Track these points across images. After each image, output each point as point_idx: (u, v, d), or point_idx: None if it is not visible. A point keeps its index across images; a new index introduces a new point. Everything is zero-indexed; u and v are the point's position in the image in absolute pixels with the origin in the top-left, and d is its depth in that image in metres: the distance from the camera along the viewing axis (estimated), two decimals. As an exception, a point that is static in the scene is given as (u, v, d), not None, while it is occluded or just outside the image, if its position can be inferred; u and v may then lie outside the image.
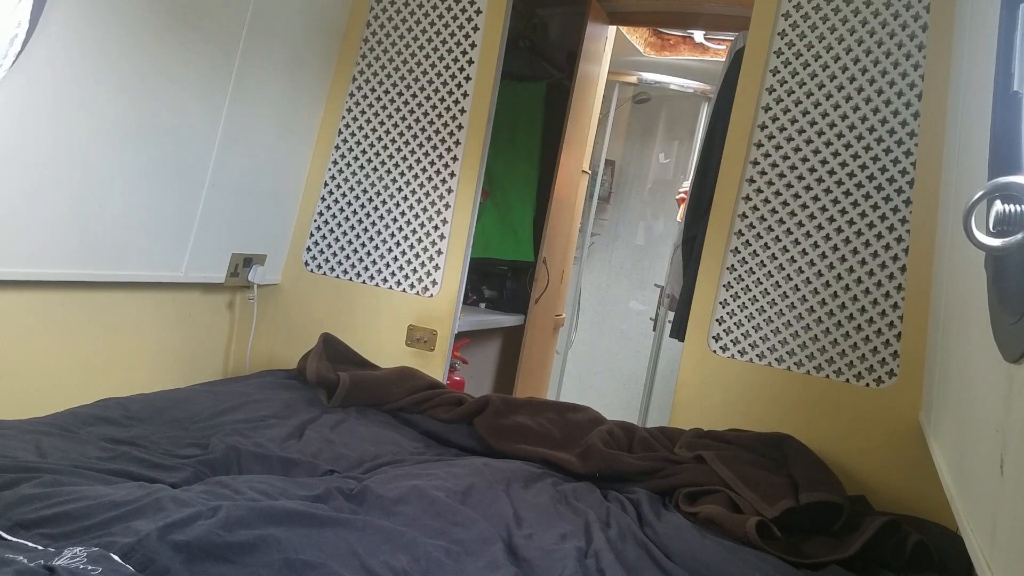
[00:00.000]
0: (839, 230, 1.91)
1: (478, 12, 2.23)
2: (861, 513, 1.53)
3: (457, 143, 2.24)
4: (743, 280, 1.98)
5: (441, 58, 2.26)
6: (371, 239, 2.30)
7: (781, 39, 1.97)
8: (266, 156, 2.16)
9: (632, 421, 1.91)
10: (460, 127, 2.24)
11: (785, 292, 1.94)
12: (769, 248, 1.97)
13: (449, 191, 2.24)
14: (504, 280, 3.12)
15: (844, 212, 1.91)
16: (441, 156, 2.25)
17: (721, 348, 1.98)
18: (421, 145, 2.27)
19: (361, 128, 2.32)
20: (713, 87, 3.01)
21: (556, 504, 1.42)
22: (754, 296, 1.97)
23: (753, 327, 1.96)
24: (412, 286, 2.26)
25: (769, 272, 1.96)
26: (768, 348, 1.94)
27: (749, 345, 1.96)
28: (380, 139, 2.30)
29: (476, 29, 2.23)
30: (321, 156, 2.34)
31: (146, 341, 1.93)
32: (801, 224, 1.95)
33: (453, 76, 2.25)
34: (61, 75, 1.49)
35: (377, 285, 2.29)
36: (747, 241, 1.98)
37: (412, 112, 2.28)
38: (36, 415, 1.40)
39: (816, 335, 1.91)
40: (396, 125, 2.29)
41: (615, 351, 4.31)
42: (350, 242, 2.32)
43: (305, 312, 2.33)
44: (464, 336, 2.67)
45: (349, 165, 2.33)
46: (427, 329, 2.22)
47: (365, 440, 1.62)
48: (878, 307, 1.87)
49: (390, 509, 1.22)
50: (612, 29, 3.24)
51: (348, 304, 2.30)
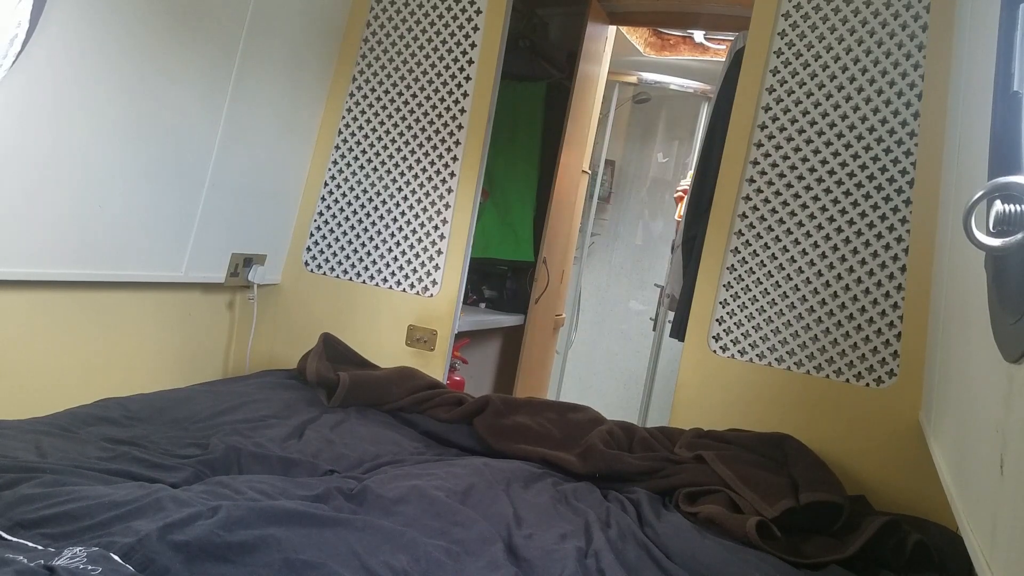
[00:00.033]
0: (839, 230, 1.91)
1: (478, 12, 2.23)
2: (861, 513, 1.53)
3: (457, 143, 2.24)
4: (743, 280, 1.98)
5: (441, 58, 2.26)
6: (371, 239, 2.30)
7: (781, 39, 1.97)
8: (266, 156, 2.16)
9: (632, 421, 1.91)
10: (460, 127, 2.24)
11: (785, 292, 1.94)
12: (769, 248, 1.97)
13: (449, 191, 2.24)
14: (504, 280, 3.12)
15: (844, 212, 1.91)
16: (441, 156, 2.25)
17: (721, 348, 1.98)
18: (421, 145, 2.27)
19: (361, 128, 2.32)
20: (713, 87, 3.02)
21: (556, 504, 1.42)
22: (754, 296, 1.97)
23: (753, 327, 1.96)
24: (412, 286, 2.26)
25: (769, 272, 1.96)
26: (768, 348, 1.95)
27: (749, 345, 1.96)
28: (380, 139, 2.30)
29: (476, 29, 2.23)
30: (321, 156, 2.34)
31: (146, 341, 1.93)
32: (801, 224, 1.95)
33: (453, 76, 2.25)
34: (61, 75, 1.49)
35: (377, 285, 2.29)
36: (747, 241, 1.98)
37: (412, 112, 2.28)
38: (36, 415, 1.40)
39: (816, 335, 1.91)
40: (396, 125, 2.29)
41: (615, 351, 4.30)
42: (350, 242, 2.32)
43: (305, 312, 2.33)
44: (464, 336, 2.67)
45: (349, 165, 2.33)
46: (427, 329, 2.22)
47: (365, 440, 1.62)
48: (878, 307, 1.87)
49: (390, 509, 1.22)
50: (612, 29, 3.24)
51: (348, 304, 2.30)
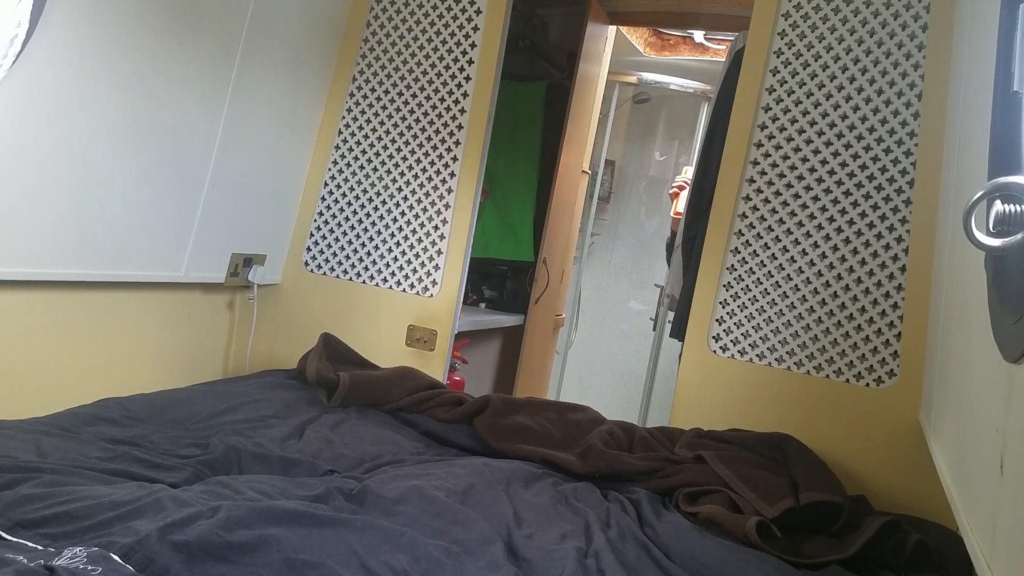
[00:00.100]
0: (839, 230, 1.91)
1: (478, 12, 2.23)
2: (861, 513, 1.52)
3: (457, 143, 2.24)
4: (743, 280, 1.98)
5: (441, 58, 2.26)
6: (371, 239, 2.30)
7: (781, 39, 1.97)
8: (266, 156, 2.16)
9: (632, 421, 1.91)
10: (460, 127, 2.24)
11: (785, 292, 1.94)
12: (769, 248, 1.97)
13: (449, 191, 2.24)
14: (504, 280, 3.12)
15: (844, 212, 1.91)
16: (441, 156, 2.25)
17: (721, 348, 1.98)
18: (421, 145, 2.27)
19: (361, 128, 2.32)
20: (713, 87, 3.02)
21: (556, 504, 1.42)
22: (754, 296, 1.97)
23: (753, 327, 1.96)
24: (412, 286, 2.26)
25: (769, 272, 1.96)
26: (768, 348, 1.94)
27: (749, 345, 1.96)
28: (380, 139, 2.30)
29: (476, 29, 2.23)
30: (321, 156, 2.34)
31: (146, 341, 1.93)
32: (801, 224, 1.95)
33: (453, 76, 2.25)
34: (61, 75, 1.49)
35: (377, 285, 2.29)
36: (747, 241, 1.98)
37: (412, 112, 2.28)
38: (36, 415, 1.40)
39: (816, 335, 1.91)
40: (396, 125, 2.29)
41: (615, 351, 4.31)
42: (350, 242, 2.32)
43: (305, 312, 2.33)
44: (464, 336, 2.67)
45: (349, 165, 2.33)
46: (427, 329, 2.22)
47: (365, 440, 1.62)
48: (878, 307, 1.87)
49: (390, 509, 1.22)
50: (612, 29, 3.24)
51: (348, 304, 2.30)
